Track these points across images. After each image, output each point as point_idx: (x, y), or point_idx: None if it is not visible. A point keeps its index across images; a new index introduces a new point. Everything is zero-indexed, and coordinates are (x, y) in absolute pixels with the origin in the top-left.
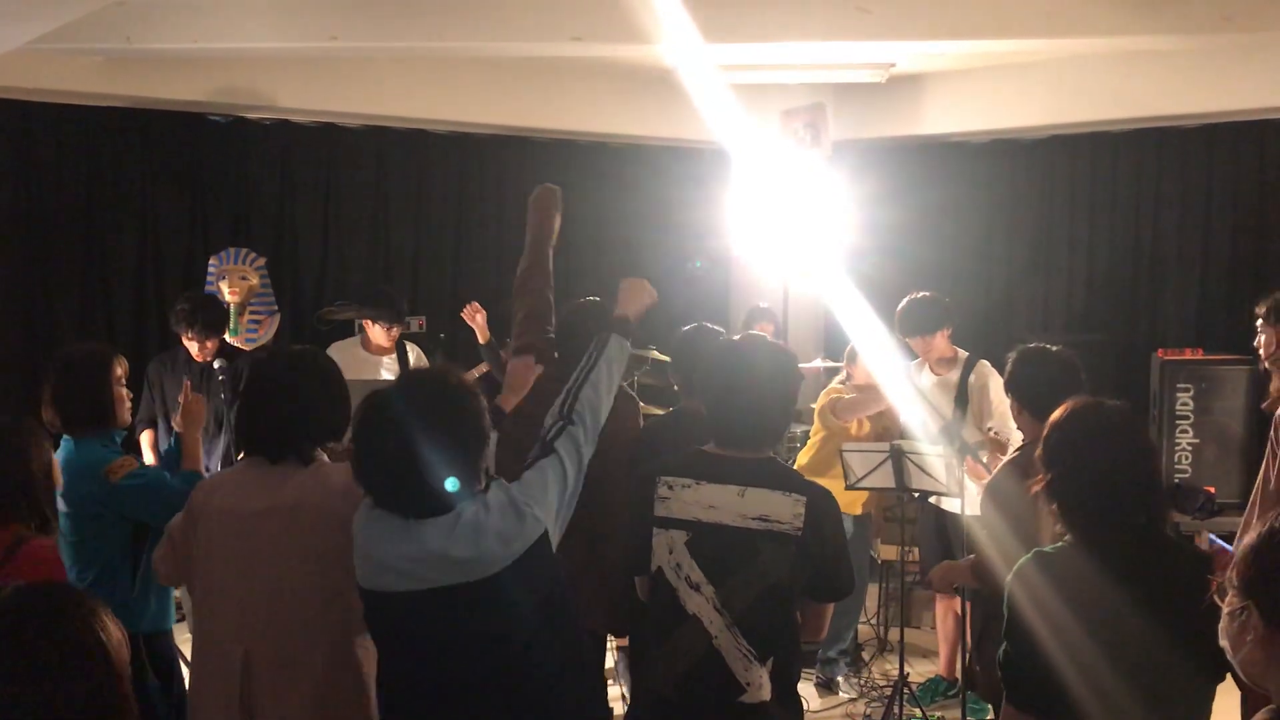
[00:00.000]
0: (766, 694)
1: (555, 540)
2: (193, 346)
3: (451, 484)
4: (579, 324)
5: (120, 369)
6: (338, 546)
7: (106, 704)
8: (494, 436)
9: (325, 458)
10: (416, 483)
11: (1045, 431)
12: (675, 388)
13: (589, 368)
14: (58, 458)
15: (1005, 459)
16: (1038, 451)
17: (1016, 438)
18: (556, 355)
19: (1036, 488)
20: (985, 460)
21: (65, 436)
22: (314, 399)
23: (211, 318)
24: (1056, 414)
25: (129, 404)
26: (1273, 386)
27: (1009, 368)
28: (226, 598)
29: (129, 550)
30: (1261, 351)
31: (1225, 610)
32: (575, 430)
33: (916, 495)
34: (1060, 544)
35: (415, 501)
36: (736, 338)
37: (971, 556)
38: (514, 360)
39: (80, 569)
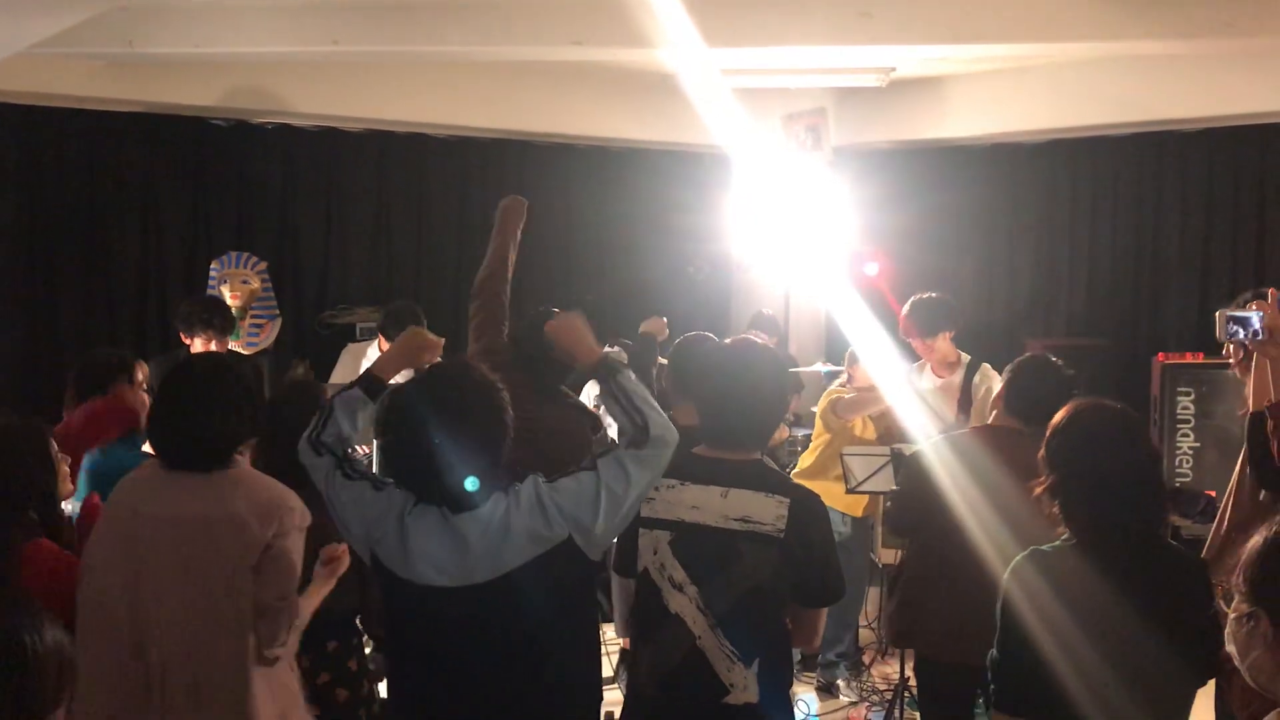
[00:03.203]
0: (753, 696)
1: (595, 548)
2: (209, 348)
3: (471, 483)
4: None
5: (141, 374)
6: (243, 558)
7: (24, 711)
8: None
9: (243, 462)
10: (447, 479)
11: (1049, 432)
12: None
13: (632, 404)
14: (85, 466)
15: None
16: (1040, 452)
17: None
18: (513, 358)
19: (1039, 489)
20: None
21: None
22: (228, 409)
23: (224, 320)
24: (1060, 415)
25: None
26: (1246, 393)
27: (1010, 373)
28: (125, 604)
29: None
30: (1231, 360)
31: (1232, 615)
32: (626, 457)
33: None
34: (1057, 544)
35: (448, 496)
36: (728, 341)
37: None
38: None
39: None
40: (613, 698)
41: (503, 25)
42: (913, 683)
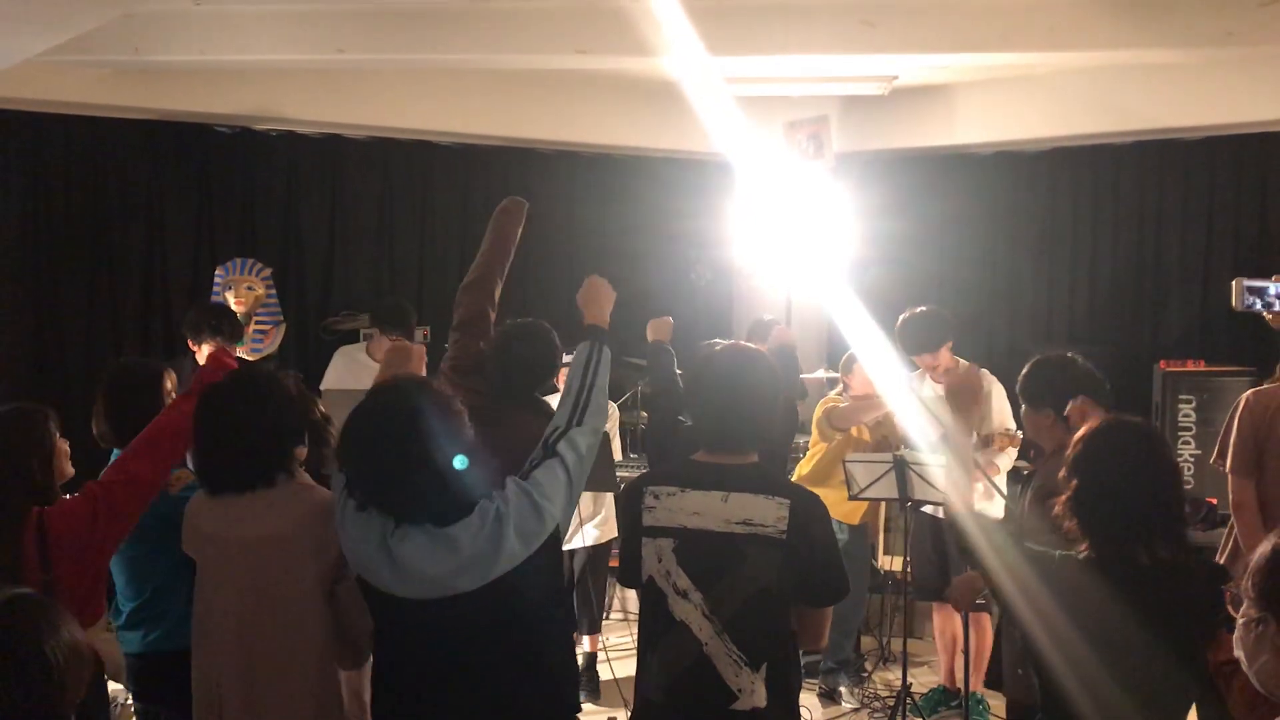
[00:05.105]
0: (760, 700)
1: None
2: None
3: (461, 461)
4: (513, 347)
5: (170, 382)
6: (310, 569)
7: (41, 715)
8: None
9: (299, 474)
10: (440, 491)
11: (1071, 446)
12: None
13: (592, 378)
14: (157, 510)
15: (1048, 458)
16: (1061, 472)
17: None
18: (484, 373)
19: (1059, 505)
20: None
21: (117, 450)
22: (264, 423)
23: (233, 327)
24: (1083, 429)
25: None
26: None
27: (1036, 379)
28: (213, 627)
29: (187, 565)
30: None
31: (1240, 620)
32: (576, 435)
33: (909, 505)
34: (1068, 553)
35: (440, 509)
36: (719, 346)
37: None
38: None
39: (138, 584)
40: (611, 703)
41: (507, 33)
42: (914, 689)
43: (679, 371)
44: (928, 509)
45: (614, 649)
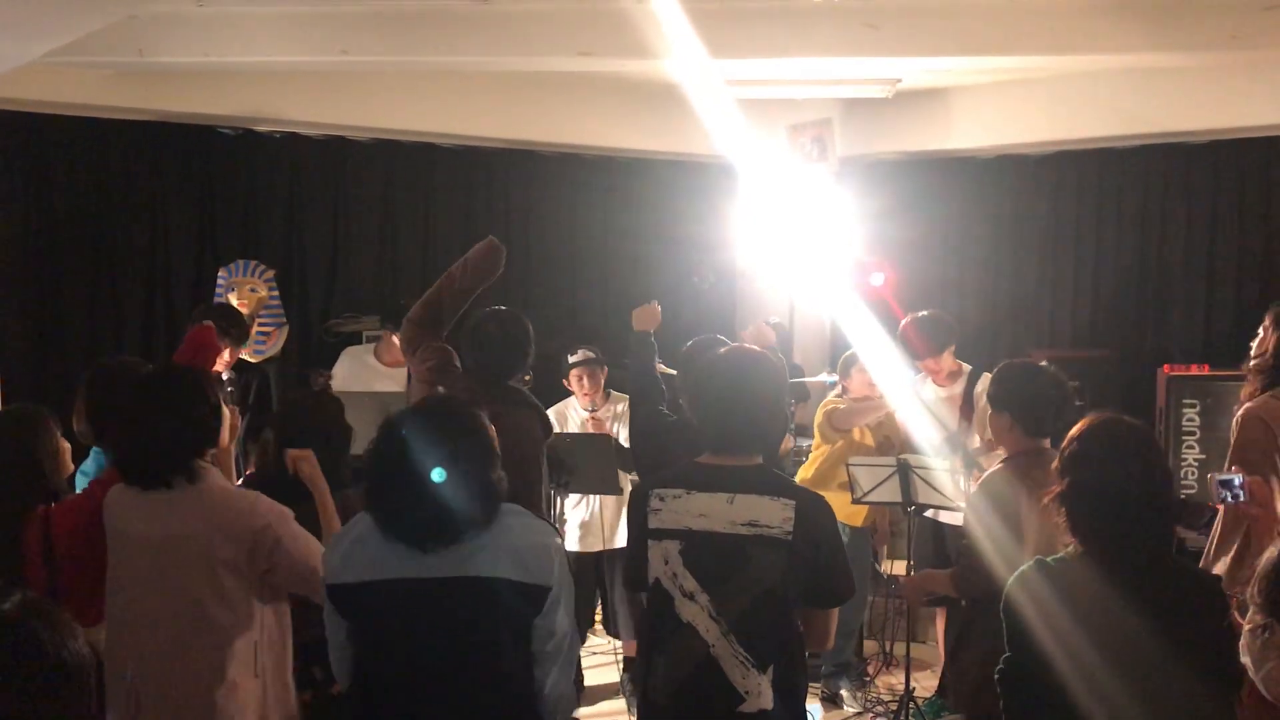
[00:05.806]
0: (768, 703)
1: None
2: (224, 356)
3: (438, 474)
4: (485, 325)
5: None
6: (217, 567)
7: None
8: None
9: (211, 472)
10: (455, 520)
11: (1065, 443)
12: (683, 402)
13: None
14: (88, 470)
15: (998, 463)
16: (1054, 464)
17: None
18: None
19: (1048, 498)
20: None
21: (96, 449)
22: (173, 422)
23: (240, 330)
24: (1077, 427)
25: None
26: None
27: (999, 383)
28: (124, 623)
29: None
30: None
31: (1246, 627)
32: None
33: (911, 509)
34: (1063, 555)
35: (445, 535)
36: (723, 349)
37: (951, 570)
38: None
39: None
40: (617, 707)
41: (510, 36)
42: (917, 693)
43: (669, 371)
44: (929, 512)
45: (617, 652)
